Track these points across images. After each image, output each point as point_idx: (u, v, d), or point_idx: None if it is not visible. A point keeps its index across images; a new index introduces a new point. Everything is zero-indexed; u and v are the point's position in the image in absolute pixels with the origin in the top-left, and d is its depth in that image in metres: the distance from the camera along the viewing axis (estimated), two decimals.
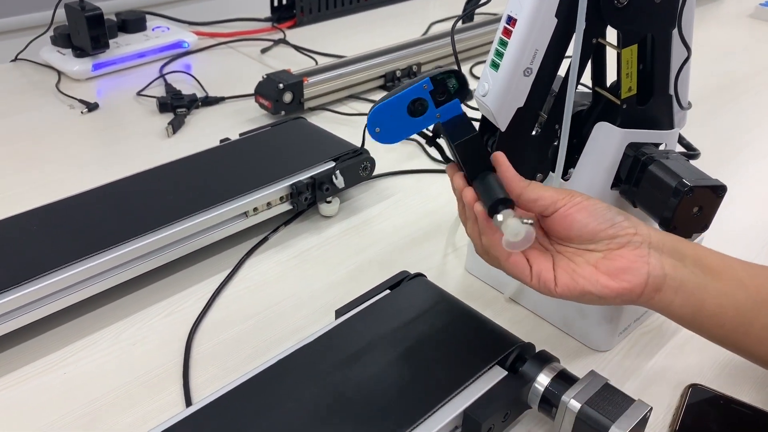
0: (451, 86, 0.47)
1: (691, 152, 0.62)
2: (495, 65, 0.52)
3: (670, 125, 0.57)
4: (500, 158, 0.48)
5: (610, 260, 0.46)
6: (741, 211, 0.79)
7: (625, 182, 0.55)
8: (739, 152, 0.94)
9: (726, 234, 0.73)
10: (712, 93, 1.10)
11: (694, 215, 0.52)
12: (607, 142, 0.54)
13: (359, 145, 0.78)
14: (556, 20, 0.49)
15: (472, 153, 0.48)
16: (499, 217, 0.45)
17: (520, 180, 0.48)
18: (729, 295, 0.47)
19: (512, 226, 0.44)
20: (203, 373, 0.57)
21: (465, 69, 1.15)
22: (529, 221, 0.45)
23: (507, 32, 0.51)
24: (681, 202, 0.50)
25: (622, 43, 0.52)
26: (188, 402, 0.54)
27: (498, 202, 0.46)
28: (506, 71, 0.51)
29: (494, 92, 0.52)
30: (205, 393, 0.54)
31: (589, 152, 0.55)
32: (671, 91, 0.55)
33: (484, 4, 0.56)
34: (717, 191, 0.51)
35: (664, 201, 0.51)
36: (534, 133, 0.55)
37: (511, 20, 0.50)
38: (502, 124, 0.53)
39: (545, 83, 0.52)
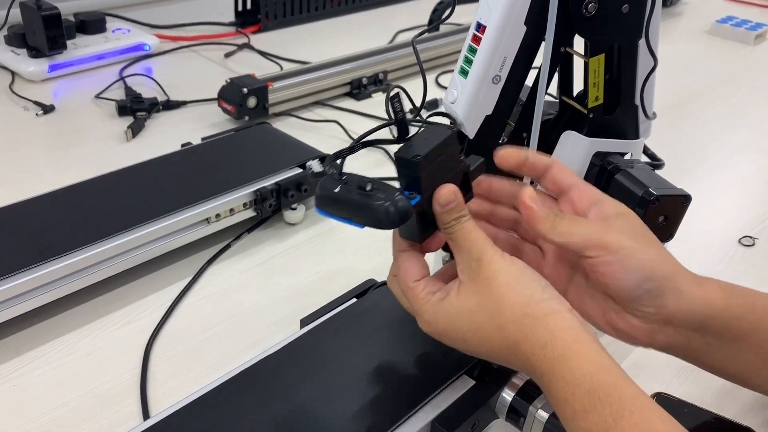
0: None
1: (655, 162, 0.63)
2: (464, 72, 0.52)
3: (635, 135, 0.57)
4: (524, 196, 0.45)
5: (618, 317, 0.45)
6: (703, 223, 0.80)
7: None
8: (698, 165, 0.96)
9: (688, 245, 0.74)
10: (672, 106, 1.12)
11: (660, 224, 0.52)
12: (574, 151, 0.54)
13: (324, 148, 0.77)
14: (525, 28, 0.49)
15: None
16: None
17: (540, 219, 0.44)
18: (739, 356, 0.45)
19: None
20: (162, 386, 0.55)
21: (431, 78, 1.15)
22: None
23: (476, 39, 0.50)
24: (647, 212, 0.50)
25: (589, 53, 0.52)
26: (146, 415, 0.52)
27: None
28: (475, 78, 0.51)
29: (463, 99, 0.52)
30: (163, 406, 0.52)
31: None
32: (637, 101, 0.56)
33: (447, 17, 0.55)
34: (682, 200, 0.52)
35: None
36: (501, 141, 0.55)
37: (480, 27, 0.50)
38: (471, 132, 0.52)
39: (513, 91, 0.52)
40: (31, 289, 0.57)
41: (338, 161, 0.43)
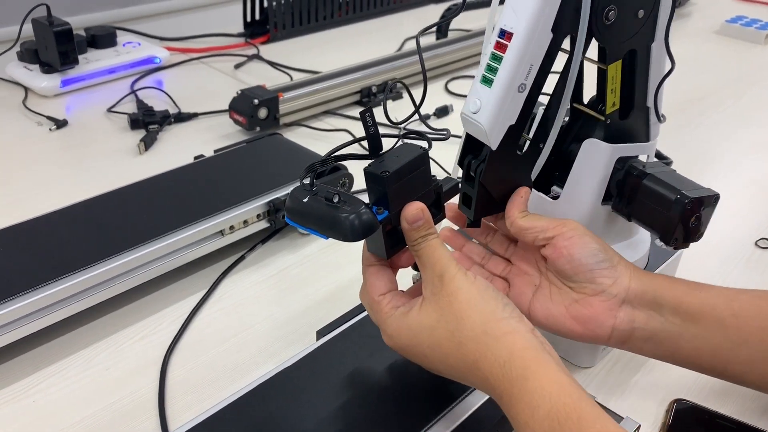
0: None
1: (664, 161, 0.62)
2: (487, 81, 0.49)
3: (646, 137, 0.57)
4: (521, 190, 0.52)
5: (581, 306, 0.48)
6: (718, 225, 0.79)
7: (617, 197, 0.55)
8: (710, 165, 0.95)
9: (704, 248, 0.73)
10: (683, 107, 1.11)
11: (692, 225, 0.52)
12: (597, 159, 0.54)
13: None
14: (551, 35, 0.48)
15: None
16: None
17: (518, 209, 0.50)
18: (706, 338, 0.47)
19: None
20: (180, 399, 0.55)
21: (440, 85, 1.15)
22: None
23: (501, 46, 0.48)
24: (682, 214, 0.51)
25: (607, 59, 0.52)
26: (164, 430, 0.52)
27: None
28: (501, 87, 0.48)
29: (488, 109, 0.49)
30: (182, 420, 0.52)
31: (578, 170, 0.54)
32: (649, 104, 0.56)
33: (454, 16, 0.55)
34: (712, 200, 0.52)
35: (664, 214, 0.51)
36: (520, 152, 0.53)
37: (504, 34, 0.48)
38: (494, 143, 0.50)
39: (533, 100, 0.50)
40: (47, 306, 0.57)
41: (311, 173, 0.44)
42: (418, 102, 0.48)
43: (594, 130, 0.55)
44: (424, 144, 0.46)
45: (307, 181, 0.43)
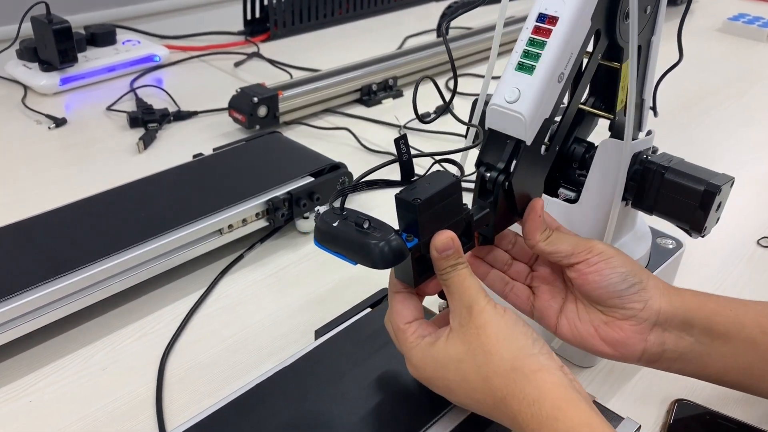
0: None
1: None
2: (526, 68, 0.46)
3: (639, 130, 0.57)
4: (536, 204, 0.48)
5: (610, 328, 0.47)
6: (720, 223, 0.79)
7: (636, 193, 0.55)
8: (712, 164, 0.94)
9: (706, 246, 0.73)
10: (684, 105, 1.11)
11: (716, 211, 0.53)
12: (616, 158, 0.53)
13: (335, 156, 0.77)
14: (590, 23, 0.46)
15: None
16: None
17: (539, 230, 0.47)
18: (735, 357, 0.46)
19: None
20: (178, 399, 0.54)
21: (440, 83, 1.14)
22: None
23: (542, 31, 0.46)
24: (712, 204, 0.51)
25: (623, 58, 0.52)
26: (162, 430, 0.51)
27: None
28: (544, 75, 0.45)
29: (529, 98, 0.45)
30: (180, 420, 0.52)
31: (597, 170, 0.53)
32: (646, 96, 0.56)
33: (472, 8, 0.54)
34: (731, 184, 0.53)
35: (694, 206, 0.52)
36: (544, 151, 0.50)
37: (546, 18, 0.46)
38: (530, 137, 0.46)
39: (563, 94, 0.48)
40: (45, 305, 0.57)
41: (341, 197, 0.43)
42: (443, 95, 0.46)
43: (591, 129, 0.55)
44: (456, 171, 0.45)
45: (337, 204, 0.42)
